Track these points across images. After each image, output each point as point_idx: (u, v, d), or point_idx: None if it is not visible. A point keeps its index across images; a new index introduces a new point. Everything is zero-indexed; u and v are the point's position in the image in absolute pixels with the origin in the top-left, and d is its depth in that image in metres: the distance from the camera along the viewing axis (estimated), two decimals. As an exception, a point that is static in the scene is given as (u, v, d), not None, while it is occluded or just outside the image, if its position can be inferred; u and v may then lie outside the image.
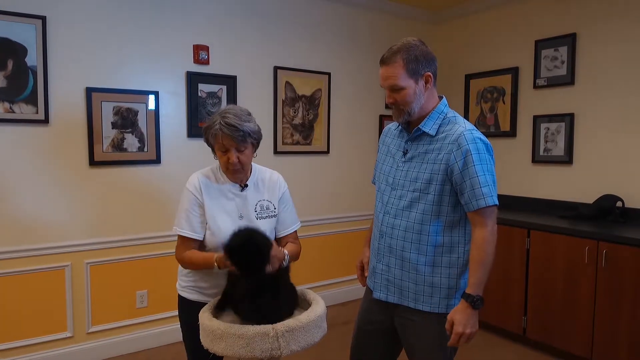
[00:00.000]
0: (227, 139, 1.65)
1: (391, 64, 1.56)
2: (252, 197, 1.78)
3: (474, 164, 1.51)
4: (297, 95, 3.76)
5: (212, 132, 1.67)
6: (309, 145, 3.87)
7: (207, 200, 1.72)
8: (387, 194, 1.70)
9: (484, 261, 1.52)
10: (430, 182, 1.58)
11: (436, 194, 1.57)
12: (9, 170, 2.69)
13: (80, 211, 2.91)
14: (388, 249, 1.67)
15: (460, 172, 1.53)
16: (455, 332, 1.50)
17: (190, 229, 1.71)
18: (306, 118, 3.82)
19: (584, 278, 2.89)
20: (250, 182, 1.80)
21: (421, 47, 1.58)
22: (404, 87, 1.56)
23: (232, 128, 1.64)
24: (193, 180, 1.75)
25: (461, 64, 4.30)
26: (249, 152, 1.73)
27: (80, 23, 2.83)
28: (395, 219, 1.64)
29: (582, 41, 3.43)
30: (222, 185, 1.76)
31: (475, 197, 1.52)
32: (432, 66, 1.60)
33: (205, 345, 1.50)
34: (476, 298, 1.51)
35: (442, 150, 1.57)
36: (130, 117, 3.02)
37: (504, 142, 3.96)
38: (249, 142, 1.70)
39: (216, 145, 1.69)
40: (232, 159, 1.67)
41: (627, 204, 3.17)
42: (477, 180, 1.51)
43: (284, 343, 1.42)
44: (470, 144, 1.53)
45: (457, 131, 1.57)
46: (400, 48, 1.56)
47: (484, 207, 1.51)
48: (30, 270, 2.76)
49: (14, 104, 2.66)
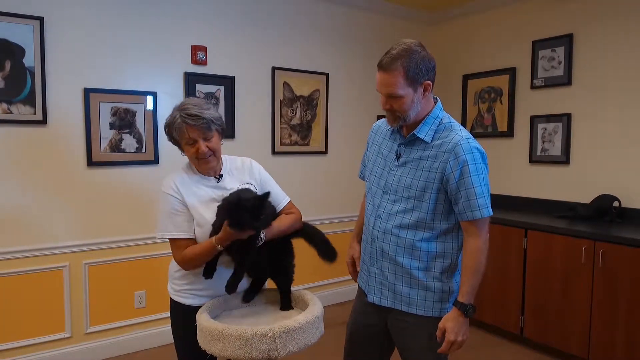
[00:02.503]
0: (193, 130, 1.63)
1: (390, 72, 1.51)
2: (230, 184, 1.75)
3: (471, 174, 1.50)
4: (295, 95, 3.76)
5: (176, 126, 1.65)
6: (307, 145, 3.87)
7: (188, 197, 1.68)
8: (379, 197, 1.68)
9: (476, 270, 1.52)
10: (425, 190, 1.57)
11: (431, 202, 1.56)
12: (7, 171, 2.69)
13: (79, 212, 2.91)
14: (381, 253, 1.66)
15: (456, 182, 1.52)
16: (447, 340, 1.51)
17: (179, 229, 1.67)
18: (304, 118, 3.83)
19: (581, 278, 2.90)
20: (223, 171, 1.78)
21: (422, 53, 1.52)
22: (402, 96, 1.52)
23: (196, 117, 1.62)
24: (168, 183, 1.71)
25: (458, 65, 4.31)
26: (217, 139, 1.70)
27: (78, 24, 2.83)
28: (388, 223, 1.63)
29: (579, 42, 3.44)
30: (198, 180, 1.73)
31: (470, 208, 1.51)
32: (431, 73, 1.55)
33: (203, 346, 1.50)
34: (468, 307, 1.51)
35: (437, 158, 1.56)
36: (128, 117, 3.02)
37: (502, 142, 3.97)
38: (214, 130, 1.67)
39: (182, 140, 1.67)
40: (202, 148, 1.64)
41: (624, 204, 3.18)
42: (473, 192, 1.50)
43: (281, 344, 1.42)
44: (467, 154, 1.51)
45: (453, 140, 1.54)
46: (401, 54, 1.49)
47: (478, 218, 1.52)
48: (28, 271, 2.76)
49: (11, 105, 2.66)
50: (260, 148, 3.59)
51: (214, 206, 1.67)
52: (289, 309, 1.74)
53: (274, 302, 1.80)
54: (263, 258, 1.66)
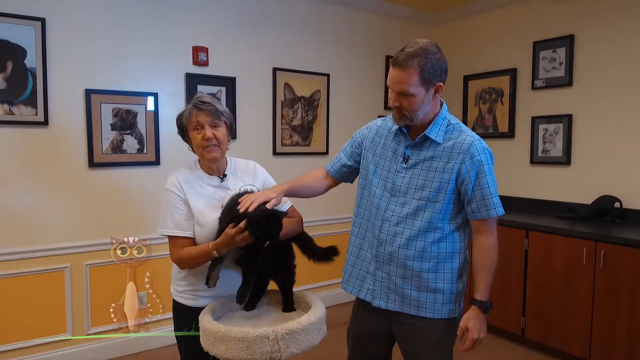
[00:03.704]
0: (201, 114, 1.67)
1: (406, 69, 1.48)
2: (234, 185, 1.78)
3: (485, 174, 1.54)
4: (296, 96, 3.77)
5: (186, 113, 1.70)
6: (308, 146, 3.87)
7: (190, 196, 1.70)
8: (386, 200, 1.65)
9: (491, 267, 1.57)
10: (439, 190, 1.57)
11: (444, 203, 1.57)
12: (9, 172, 2.69)
13: (80, 213, 2.91)
14: (389, 257, 1.64)
15: (472, 182, 1.54)
16: (471, 338, 1.55)
17: (178, 227, 1.68)
18: (305, 119, 3.83)
19: (582, 279, 2.90)
20: (228, 172, 1.80)
21: (437, 54, 1.52)
22: (414, 95, 1.51)
23: (206, 104, 1.68)
24: (172, 180, 1.73)
25: (459, 65, 4.31)
26: (224, 130, 1.72)
27: (80, 25, 2.83)
28: (397, 226, 1.61)
29: (580, 42, 3.44)
30: (202, 179, 1.75)
31: (485, 207, 1.55)
32: (444, 75, 1.55)
33: (206, 348, 1.50)
34: (487, 304, 1.57)
35: (451, 158, 1.56)
36: (129, 118, 3.02)
37: (503, 143, 3.97)
38: (222, 120, 1.71)
39: (190, 125, 1.70)
40: (208, 133, 1.66)
41: (625, 205, 3.19)
42: (488, 191, 1.54)
43: (284, 346, 1.42)
44: (482, 154, 1.54)
45: (466, 140, 1.56)
46: (418, 53, 1.48)
47: (493, 217, 1.56)
48: (29, 272, 2.76)
49: (13, 106, 2.66)
50: (261, 149, 3.59)
51: (217, 205, 1.67)
52: (292, 311, 1.74)
53: (276, 304, 1.79)
54: (265, 261, 1.66)
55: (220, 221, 1.63)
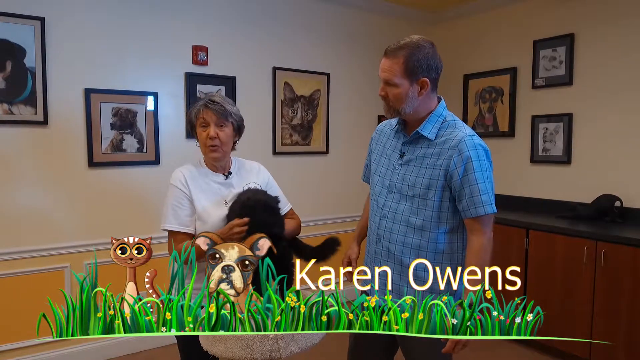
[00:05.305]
0: (209, 112, 1.70)
1: (392, 58, 1.52)
2: (238, 183, 1.81)
3: (474, 171, 1.50)
4: (296, 95, 3.76)
5: (196, 109, 1.73)
6: (308, 145, 3.87)
7: (195, 192, 1.72)
8: (384, 197, 1.67)
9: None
10: (429, 187, 1.56)
11: (436, 200, 1.55)
12: (8, 171, 2.68)
13: (80, 212, 2.91)
14: (386, 253, 1.65)
15: (460, 178, 1.51)
16: (452, 339, 1.50)
17: (179, 222, 1.70)
18: (305, 118, 3.83)
19: (582, 278, 2.90)
20: (232, 170, 1.83)
21: (427, 50, 1.52)
22: (397, 85, 1.53)
23: (216, 104, 1.71)
24: (177, 175, 1.75)
25: (459, 65, 4.30)
26: (229, 131, 1.74)
27: (79, 24, 2.83)
28: (394, 223, 1.62)
29: (580, 41, 3.43)
30: (207, 175, 1.78)
31: (474, 205, 1.51)
32: (433, 73, 1.55)
33: (205, 347, 1.50)
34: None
35: (441, 155, 1.55)
36: (129, 118, 3.02)
37: (503, 142, 3.97)
38: (229, 121, 1.73)
39: (198, 121, 1.73)
40: (211, 132, 1.70)
41: (626, 204, 3.18)
42: (476, 188, 1.50)
43: (284, 345, 1.42)
44: (471, 150, 1.50)
45: (457, 136, 1.54)
46: (408, 45, 1.51)
47: (482, 215, 1.51)
48: (29, 272, 2.76)
49: (12, 106, 2.65)
50: (261, 148, 3.59)
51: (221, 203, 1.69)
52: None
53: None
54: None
55: (228, 217, 1.67)
